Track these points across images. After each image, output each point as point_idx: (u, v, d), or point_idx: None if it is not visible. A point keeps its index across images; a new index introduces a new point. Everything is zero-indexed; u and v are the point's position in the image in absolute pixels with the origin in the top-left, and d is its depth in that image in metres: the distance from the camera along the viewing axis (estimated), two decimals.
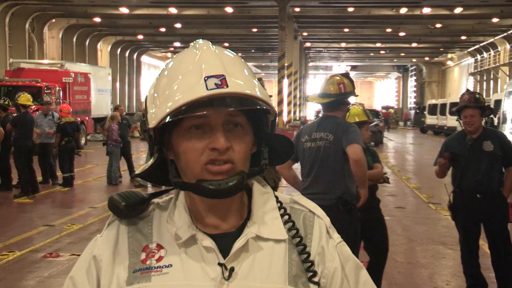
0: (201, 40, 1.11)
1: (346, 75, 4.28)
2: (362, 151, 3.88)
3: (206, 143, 1.04)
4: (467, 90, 4.87)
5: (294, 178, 4.22)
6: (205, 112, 1.01)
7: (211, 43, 1.10)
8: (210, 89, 0.99)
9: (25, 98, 10.55)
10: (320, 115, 4.34)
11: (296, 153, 4.06)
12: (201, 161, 1.04)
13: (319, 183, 3.95)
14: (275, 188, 4.53)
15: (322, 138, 3.99)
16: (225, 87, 1.00)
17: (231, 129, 1.05)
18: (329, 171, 3.93)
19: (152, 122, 1.05)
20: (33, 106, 12.00)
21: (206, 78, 1.01)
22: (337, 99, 4.07)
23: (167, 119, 1.01)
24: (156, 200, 1.16)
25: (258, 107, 1.03)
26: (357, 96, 4.30)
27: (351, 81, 4.18)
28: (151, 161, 1.12)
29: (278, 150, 1.16)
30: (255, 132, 1.10)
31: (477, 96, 4.60)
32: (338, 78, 4.17)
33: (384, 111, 41.38)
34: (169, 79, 1.06)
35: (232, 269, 1.05)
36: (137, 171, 1.16)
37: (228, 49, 1.12)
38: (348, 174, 3.93)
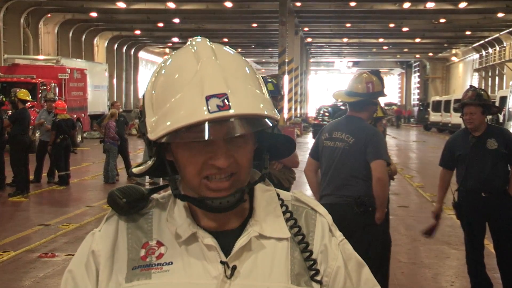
0: (198, 37, 1.08)
1: (375, 72, 4.14)
2: (385, 167, 3.84)
3: (207, 157, 1.02)
4: (471, 87, 4.76)
5: (317, 185, 4.10)
6: (206, 139, 0.98)
7: (208, 41, 1.06)
8: (212, 112, 0.96)
9: (24, 93, 10.48)
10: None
11: (317, 152, 4.05)
12: (201, 175, 1.03)
13: (335, 182, 3.89)
14: (289, 188, 4.37)
15: (342, 139, 3.91)
16: (227, 109, 0.96)
17: (232, 139, 1.02)
18: (345, 172, 3.87)
19: (151, 134, 1.03)
20: (29, 103, 12.05)
21: (207, 98, 0.97)
22: (364, 99, 3.94)
23: (164, 139, 1.00)
24: (155, 196, 1.15)
25: (262, 128, 1.01)
26: (385, 95, 4.16)
27: (381, 80, 4.04)
28: (149, 163, 1.10)
29: (279, 148, 1.16)
30: (256, 131, 1.07)
31: (481, 93, 4.54)
32: (366, 76, 4.02)
33: (396, 107, 41.17)
34: (168, 83, 1.03)
35: (234, 268, 1.05)
36: (135, 170, 1.13)
37: (226, 46, 1.08)
38: (366, 176, 3.84)
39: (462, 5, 25.40)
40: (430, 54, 48.20)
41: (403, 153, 20.22)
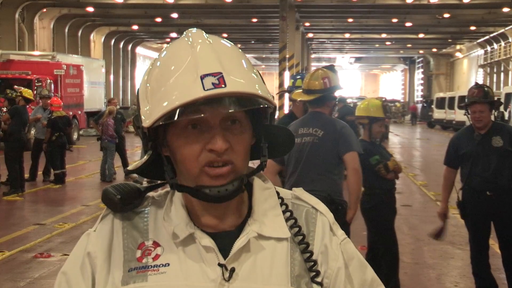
0: (194, 29, 1.09)
1: (330, 67, 4.24)
2: (358, 158, 3.85)
3: (204, 144, 1.02)
4: (476, 84, 4.76)
5: (277, 185, 3.66)
6: (202, 115, 0.99)
7: (204, 33, 1.07)
8: (207, 89, 0.97)
9: (29, 93, 10.68)
10: None
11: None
12: (199, 162, 1.02)
13: (305, 180, 3.83)
14: None
15: (310, 134, 3.91)
16: (222, 86, 0.98)
17: (229, 127, 1.03)
18: (315, 168, 3.85)
19: (146, 121, 1.03)
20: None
21: (202, 77, 0.99)
22: (323, 95, 4.02)
23: (161, 121, 0.99)
24: (151, 194, 1.14)
25: (257, 106, 1.02)
26: (342, 88, 4.25)
27: (336, 74, 4.15)
28: (145, 157, 1.09)
29: (278, 142, 1.14)
30: (253, 124, 1.08)
31: (486, 90, 4.51)
32: (321, 72, 4.13)
33: (411, 104, 41.00)
34: (162, 73, 1.04)
35: (232, 270, 1.04)
36: (130, 167, 1.12)
37: (224, 39, 1.09)
38: (337, 172, 3.86)
39: None
40: (434, 49, 48.01)
41: (406, 151, 19.98)
